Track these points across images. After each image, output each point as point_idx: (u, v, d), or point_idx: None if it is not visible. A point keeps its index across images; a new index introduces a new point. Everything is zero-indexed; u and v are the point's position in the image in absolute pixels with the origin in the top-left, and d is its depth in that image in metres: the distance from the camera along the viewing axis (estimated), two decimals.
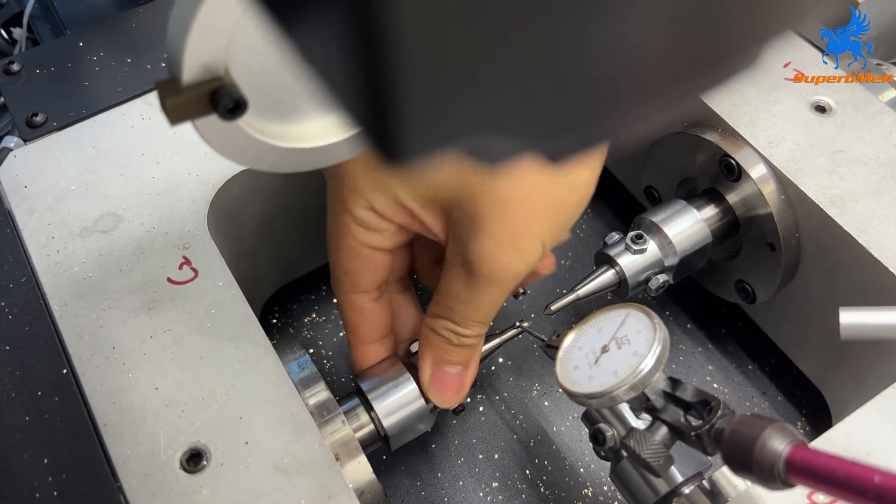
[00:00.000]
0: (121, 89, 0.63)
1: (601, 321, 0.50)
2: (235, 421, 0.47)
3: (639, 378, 0.45)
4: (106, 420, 0.47)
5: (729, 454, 0.41)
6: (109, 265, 0.54)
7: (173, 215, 0.56)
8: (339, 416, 0.50)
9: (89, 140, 0.60)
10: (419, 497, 0.64)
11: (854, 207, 0.55)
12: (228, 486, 0.45)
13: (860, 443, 0.47)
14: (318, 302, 0.74)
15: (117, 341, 0.50)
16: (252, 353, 0.50)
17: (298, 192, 0.64)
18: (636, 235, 0.59)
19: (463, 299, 0.48)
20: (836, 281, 0.58)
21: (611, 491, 0.64)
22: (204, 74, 0.35)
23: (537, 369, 0.70)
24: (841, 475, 0.35)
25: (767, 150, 0.58)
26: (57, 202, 0.57)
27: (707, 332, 0.72)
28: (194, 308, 0.52)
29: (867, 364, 0.58)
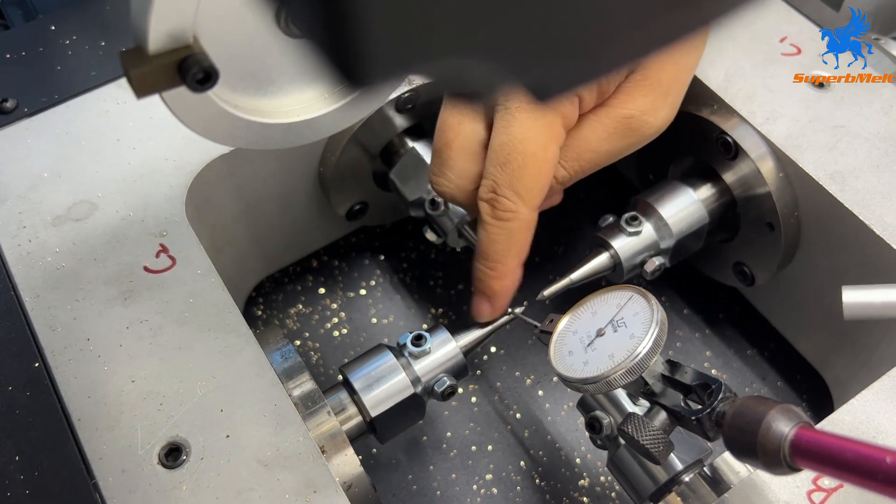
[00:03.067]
0: (94, 73, 0.61)
1: (596, 304, 0.48)
2: (216, 414, 0.45)
3: (636, 361, 0.43)
4: (80, 415, 0.45)
5: (731, 438, 0.39)
6: (83, 254, 0.52)
7: (150, 202, 0.54)
8: (325, 407, 0.49)
9: (62, 126, 0.58)
10: (410, 491, 0.62)
11: (855, 184, 0.54)
12: (209, 481, 0.43)
13: (867, 424, 0.45)
14: (305, 293, 0.72)
15: (92, 333, 0.48)
16: (233, 343, 0.48)
17: (281, 177, 0.62)
18: (631, 217, 0.58)
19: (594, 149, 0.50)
20: (837, 260, 0.56)
21: (608, 481, 0.62)
22: (171, 43, 0.33)
23: (531, 358, 0.68)
24: (850, 457, 0.34)
25: (765, 126, 0.56)
26: (28, 190, 0.55)
27: (704, 317, 0.70)
28: (172, 297, 0.50)
29: (870, 344, 0.56)
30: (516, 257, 0.51)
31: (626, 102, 0.50)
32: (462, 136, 0.51)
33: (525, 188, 0.49)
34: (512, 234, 0.50)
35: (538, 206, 0.50)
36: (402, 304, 0.72)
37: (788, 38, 0.61)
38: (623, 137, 0.51)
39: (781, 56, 0.60)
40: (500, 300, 0.53)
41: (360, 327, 0.70)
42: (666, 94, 0.50)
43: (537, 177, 0.49)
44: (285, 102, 0.39)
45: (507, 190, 0.48)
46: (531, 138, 0.48)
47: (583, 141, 0.50)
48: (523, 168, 0.48)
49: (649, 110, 0.50)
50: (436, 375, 0.53)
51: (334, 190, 0.64)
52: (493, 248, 0.50)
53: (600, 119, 0.50)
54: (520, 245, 0.51)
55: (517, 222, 0.49)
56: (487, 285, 0.52)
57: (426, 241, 0.62)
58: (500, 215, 0.49)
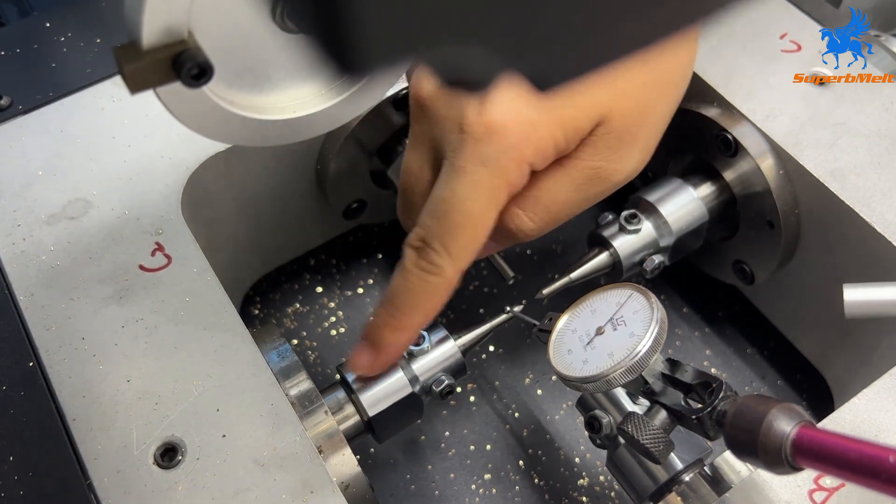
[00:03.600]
0: (90, 71, 0.60)
1: (595, 302, 0.48)
2: (212, 413, 0.45)
3: (636, 360, 0.43)
4: (75, 415, 0.45)
5: (732, 437, 0.39)
6: (78, 253, 0.51)
7: (145, 200, 0.54)
8: (322, 406, 0.48)
9: (57, 124, 0.57)
10: (408, 491, 0.62)
11: (856, 181, 0.53)
12: (205, 481, 0.43)
13: (868, 423, 0.45)
14: (302, 291, 0.72)
15: (87, 332, 0.48)
16: (229, 341, 0.48)
17: (278, 175, 0.62)
18: (630, 215, 0.57)
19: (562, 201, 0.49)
20: (838, 258, 0.56)
21: (607, 480, 0.62)
22: (165, 38, 0.32)
23: (529, 357, 0.68)
24: (852, 456, 0.33)
25: (765, 123, 0.56)
26: (23, 188, 0.54)
27: (704, 316, 0.70)
28: (168, 296, 0.49)
29: (871, 343, 0.56)
30: (423, 317, 0.47)
31: (593, 155, 0.48)
32: (422, 182, 0.49)
33: (457, 247, 0.46)
34: (429, 289, 0.46)
35: (463, 269, 0.47)
36: None
37: (789, 34, 0.61)
38: (592, 187, 0.49)
39: (782, 53, 0.60)
40: (386, 355, 0.48)
41: (358, 326, 0.70)
42: (633, 141, 0.48)
43: (471, 238, 0.46)
44: (281, 98, 0.38)
45: (437, 243, 0.46)
46: (473, 199, 0.45)
47: (549, 193, 0.48)
48: (460, 227, 0.45)
49: (617, 159, 0.48)
50: (434, 374, 0.52)
51: (332, 188, 0.64)
52: (406, 297, 0.47)
53: (567, 172, 0.48)
54: (433, 303, 0.47)
55: (439, 279, 0.46)
56: (380, 334, 0.48)
57: None
58: (425, 266, 0.46)
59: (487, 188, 0.45)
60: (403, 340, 0.48)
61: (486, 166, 0.45)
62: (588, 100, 0.46)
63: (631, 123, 0.48)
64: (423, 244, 0.46)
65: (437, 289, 0.46)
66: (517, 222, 0.49)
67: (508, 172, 0.45)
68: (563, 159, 0.48)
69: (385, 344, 0.48)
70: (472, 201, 0.45)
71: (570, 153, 0.48)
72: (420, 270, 0.46)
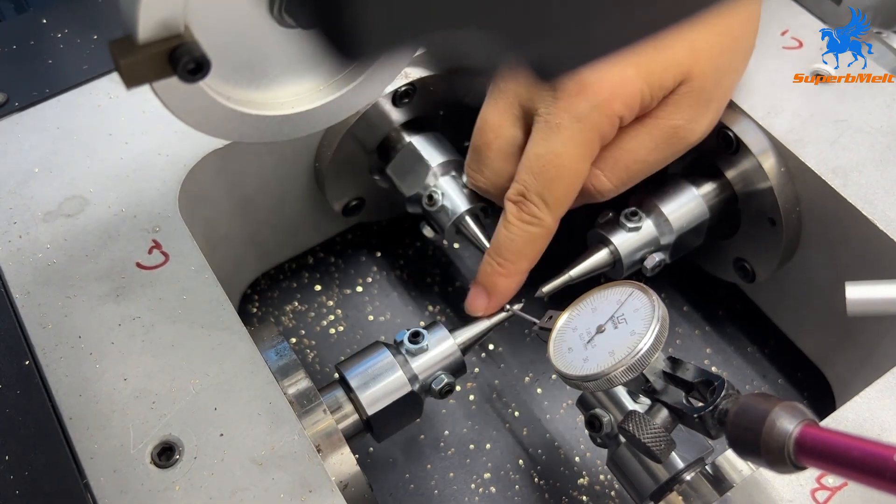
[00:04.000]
0: (86, 67, 0.60)
1: (596, 300, 0.48)
2: (209, 412, 0.45)
3: (637, 358, 0.42)
4: (72, 413, 0.45)
5: (734, 436, 0.38)
6: (75, 250, 0.51)
7: (142, 197, 0.53)
8: (321, 405, 0.48)
9: (53, 120, 0.57)
10: (407, 490, 0.61)
11: (858, 178, 0.53)
12: (203, 480, 0.42)
13: (871, 422, 0.44)
14: (301, 290, 0.71)
15: (83, 330, 0.48)
16: (227, 340, 0.47)
17: (276, 172, 0.61)
18: (631, 212, 0.57)
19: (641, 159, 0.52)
20: (840, 256, 0.55)
21: (607, 479, 0.61)
22: (162, 32, 0.32)
23: (529, 355, 0.68)
24: (856, 455, 0.33)
25: (766, 120, 0.56)
26: (19, 185, 0.54)
27: (704, 314, 0.70)
28: (165, 294, 0.49)
29: (872, 341, 0.56)
30: (528, 262, 0.52)
31: (673, 114, 0.51)
32: (502, 138, 0.53)
33: (554, 199, 0.50)
34: (531, 239, 0.51)
35: (560, 217, 0.51)
36: (399, 301, 0.71)
37: (790, 31, 0.60)
38: (670, 146, 0.52)
39: (783, 49, 0.59)
40: (498, 298, 0.53)
41: (357, 325, 0.69)
42: (709, 101, 0.51)
43: (567, 190, 0.50)
44: (280, 94, 0.38)
45: (536, 197, 0.50)
46: (568, 153, 0.49)
47: (629, 153, 0.51)
48: (556, 180, 0.50)
49: (695, 118, 0.51)
50: (433, 373, 0.52)
51: (330, 185, 0.63)
52: (510, 246, 0.51)
53: (648, 130, 0.51)
54: (535, 250, 0.52)
55: (539, 228, 0.51)
56: (492, 280, 0.53)
57: (423, 237, 0.61)
58: (525, 218, 0.51)
59: (582, 142, 0.49)
60: (513, 285, 0.53)
61: (581, 121, 0.48)
62: (672, 59, 0.49)
63: (708, 84, 0.50)
64: (522, 198, 0.51)
65: (538, 237, 0.51)
66: (595, 182, 0.52)
67: (601, 126, 0.49)
68: (645, 118, 0.51)
69: (498, 289, 0.53)
70: (568, 156, 0.49)
71: (651, 113, 0.51)
72: (521, 223, 0.51)
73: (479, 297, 0.53)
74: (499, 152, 0.53)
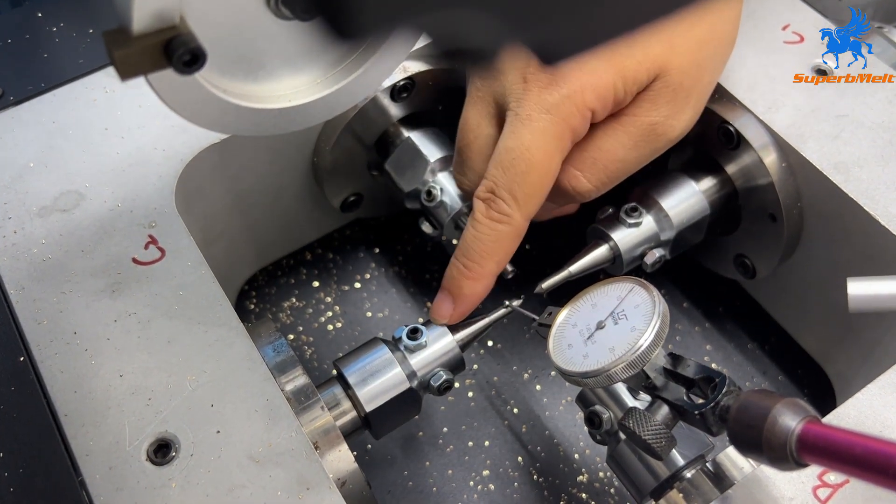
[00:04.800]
0: (82, 61, 0.59)
1: (596, 296, 0.47)
2: (206, 409, 0.44)
3: (637, 354, 0.42)
4: (67, 410, 0.44)
5: (736, 433, 0.38)
6: (70, 246, 0.50)
7: (139, 192, 0.53)
8: (319, 402, 0.47)
9: (49, 115, 0.56)
10: (406, 487, 0.61)
11: (859, 174, 0.53)
12: (199, 478, 0.42)
13: (873, 419, 0.44)
14: (298, 286, 0.71)
15: (79, 326, 0.47)
16: (224, 336, 0.47)
17: (274, 167, 0.61)
18: (631, 208, 0.56)
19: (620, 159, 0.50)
20: (841, 252, 0.55)
21: (607, 477, 0.61)
22: (156, 23, 0.32)
23: (528, 352, 0.67)
24: (859, 452, 0.33)
25: (767, 115, 0.55)
26: (14, 180, 0.53)
27: (704, 311, 0.69)
28: (161, 290, 0.49)
29: (874, 338, 0.55)
30: (496, 263, 0.50)
31: (650, 110, 0.49)
32: (481, 138, 0.51)
33: (524, 194, 0.48)
34: (500, 238, 0.49)
35: (531, 215, 0.49)
36: (398, 298, 0.70)
37: (791, 26, 0.60)
38: (648, 144, 0.50)
39: (784, 44, 0.59)
40: (465, 304, 0.51)
41: (355, 321, 0.69)
42: (688, 97, 0.50)
43: (538, 185, 0.48)
44: (277, 87, 0.38)
45: (504, 193, 0.48)
46: (539, 146, 0.47)
47: (607, 152, 0.50)
48: (525, 175, 0.48)
49: (673, 114, 0.50)
50: (432, 370, 0.51)
51: (328, 181, 0.63)
52: (478, 246, 0.49)
53: (625, 128, 0.50)
54: (504, 251, 0.50)
55: (508, 227, 0.49)
56: (458, 284, 0.50)
57: (422, 233, 0.61)
58: (494, 216, 0.49)
59: (553, 134, 0.47)
60: (480, 289, 0.50)
61: (551, 113, 0.47)
62: (647, 53, 0.48)
63: (686, 79, 0.49)
64: (491, 195, 0.49)
65: (507, 236, 0.49)
66: (574, 183, 0.51)
67: (572, 118, 0.47)
68: (621, 116, 0.50)
69: (464, 294, 0.50)
70: (538, 149, 0.47)
71: (627, 110, 0.50)
72: (490, 220, 0.49)
73: (443, 304, 0.51)
74: (479, 153, 0.52)
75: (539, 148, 0.47)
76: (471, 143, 0.52)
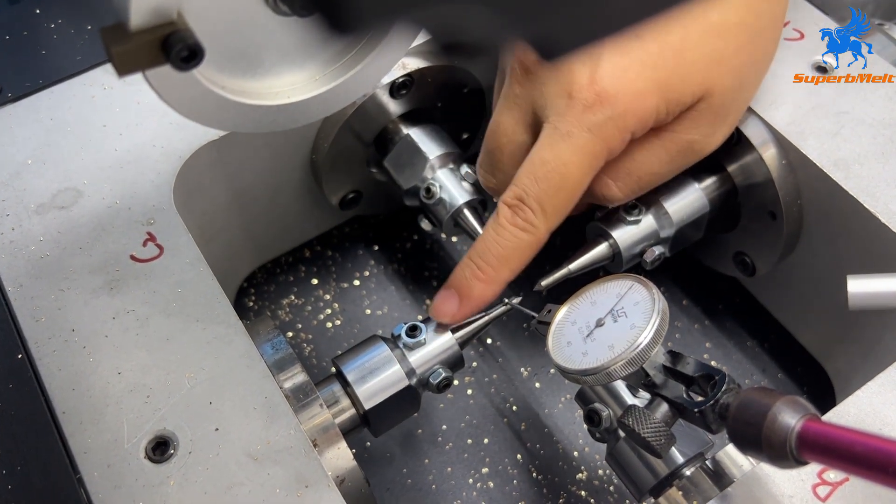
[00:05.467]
0: (80, 58, 0.59)
1: (595, 294, 0.47)
2: (205, 406, 0.44)
3: (637, 352, 0.42)
4: (65, 408, 0.44)
5: (735, 431, 0.38)
6: (68, 243, 0.50)
7: (137, 189, 0.53)
8: (317, 399, 0.47)
9: (47, 112, 0.56)
10: (405, 485, 0.61)
11: (859, 171, 0.53)
12: (198, 475, 0.42)
13: (872, 416, 0.44)
14: (297, 283, 0.71)
15: (77, 323, 0.47)
16: (222, 333, 0.47)
17: (272, 164, 0.61)
18: (630, 205, 0.56)
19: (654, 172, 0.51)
20: (841, 249, 0.55)
21: (606, 474, 0.61)
22: (154, 19, 0.31)
23: (527, 349, 0.67)
24: (859, 450, 0.33)
25: (767, 112, 0.55)
26: (11, 177, 0.53)
27: (704, 308, 0.69)
28: (160, 287, 0.48)
29: (874, 335, 0.55)
30: (510, 271, 0.50)
31: (690, 129, 0.50)
32: (514, 143, 0.52)
33: (552, 207, 0.48)
34: (520, 246, 0.49)
35: (553, 228, 0.50)
36: (397, 295, 0.70)
37: (791, 22, 0.60)
38: (683, 158, 0.51)
39: (784, 41, 0.59)
40: (471, 306, 0.50)
41: (354, 318, 0.69)
42: (727, 115, 0.51)
43: (567, 201, 0.49)
44: (275, 84, 0.37)
45: (534, 203, 0.48)
46: (576, 163, 0.48)
47: (643, 165, 0.51)
48: (558, 189, 0.48)
49: (712, 133, 0.51)
50: (431, 367, 0.51)
51: (327, 178, 0.63)
52: (496, 251, 0.49)
53: (664, 144, 0.50)
54: (521, 259, 0.50)
55: (531, 237, 0.49)
56: (468, 284, 0.50)
57: (421, 230, 0.61)
58: (519, 223, 0.49)
59: (590, 154, 0.48)
60: (489, 293, 0.50)
61: (592, 133, 0.47)
62: (693, 71, 0.48)
63: (728, 99, 0.50)
64: (519, 202, 0.48)
65: (529, 246, 0.49)
66: (605, 191, 0.52)
67: (612, 140, 0.48)
68: (660, 132, 0.50)
69: (473, 295, 0.50)
70: (575, 165, 0.48)
71: (667, 126, 0.50)
72: (514, 227, 0.49)
73: (448, 302, 0.50)
74: (511, 157, 0.52)
75: (576, 165, 0.48)
76: (503, 146, 0.52)
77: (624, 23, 0.13)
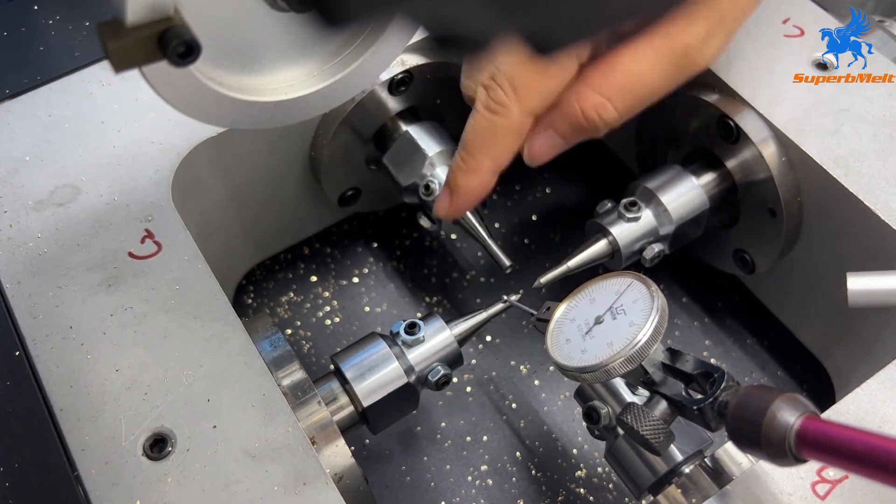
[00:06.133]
0: (78, 54, 0.59)
1: (594, 291, 0.47)
2: (202, 403, 0.44)
3: (636, 349, 0.42)
4: (63, 405, 0.44)
5: (734, 429, 0.38)
6: (66, 240, 0.50)
7: (135, 186, 0.52)
8: (315, 397, 0.47)
9: (45, 108, 0.56)
10: (404, 482, 0.61)
11: (859, 168, 0.53)
12: (195, 473, 0.42)
13: (872, 414, 0.44)
14: (296, 280, 0.71)
15: (75, 320, 0.47)
16: (220, 331, 0.47)
17: (271, 161, 0.61)
18: (630, 202, 0.56)
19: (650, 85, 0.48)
20: (841, 246, 0.55)
21: (605, 472, 0.61)
22: (151, 14, 0.31)
23: (526, 347, 0.67)
24: (858, 448, 0.33)
25: (767, 110, 0.55)
26: (9, 174, 0.53)
27: (703, 306, 0.69)
28: (158, 284, 0.48)
29: (873, 333, 0.55)
30: (492, 159, 0.48)
31: (684, 30, 0.47)
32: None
33: (523, 84, 0.46)
34: (495, 130, 0.47)
35: (532, 111, 0.47)
36: (396, 292, 0.70)
37: (791, 19, 0.60)
38: (679, 70, 0.48)
39: (784, 38, 0.59)
40: (459, 199, 0.50)
41: (353, 316, 0.69)
42: (722, 19, 0.47)
43: (539, 76, 0.46)
44: (273, 80, 0.37)
45: (503, 80, 0.46)
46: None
47: (637, 77, 0.48)
48: (528, 61, 0.45)
49: (707, 37, 0.47)
50: (430, 364, 0.51)
51: (326, 175, 0.63)
52: (473, 138, 0.48)
53: (657, 50, 0.47)
54: (500, 146, 0.48)
55: (504, 119, 0.47)
56: (453, 177, 0.50)
57: (420, 228, 0.60)
58: (491, 105, 0.47)
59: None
60: (474, 184, 0.49)
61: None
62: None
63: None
64: (491, 81, 0.47)
65: (504, 130, 0.47)
66: (601, 111, 0.48)
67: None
68: (653, 37, 0.47)
69: (458, 187, 0.49)
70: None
71: (660, 28, 0.47)
72: (486, 111, 0.47)
73: (442, 196, 0.51)
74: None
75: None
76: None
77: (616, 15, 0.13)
